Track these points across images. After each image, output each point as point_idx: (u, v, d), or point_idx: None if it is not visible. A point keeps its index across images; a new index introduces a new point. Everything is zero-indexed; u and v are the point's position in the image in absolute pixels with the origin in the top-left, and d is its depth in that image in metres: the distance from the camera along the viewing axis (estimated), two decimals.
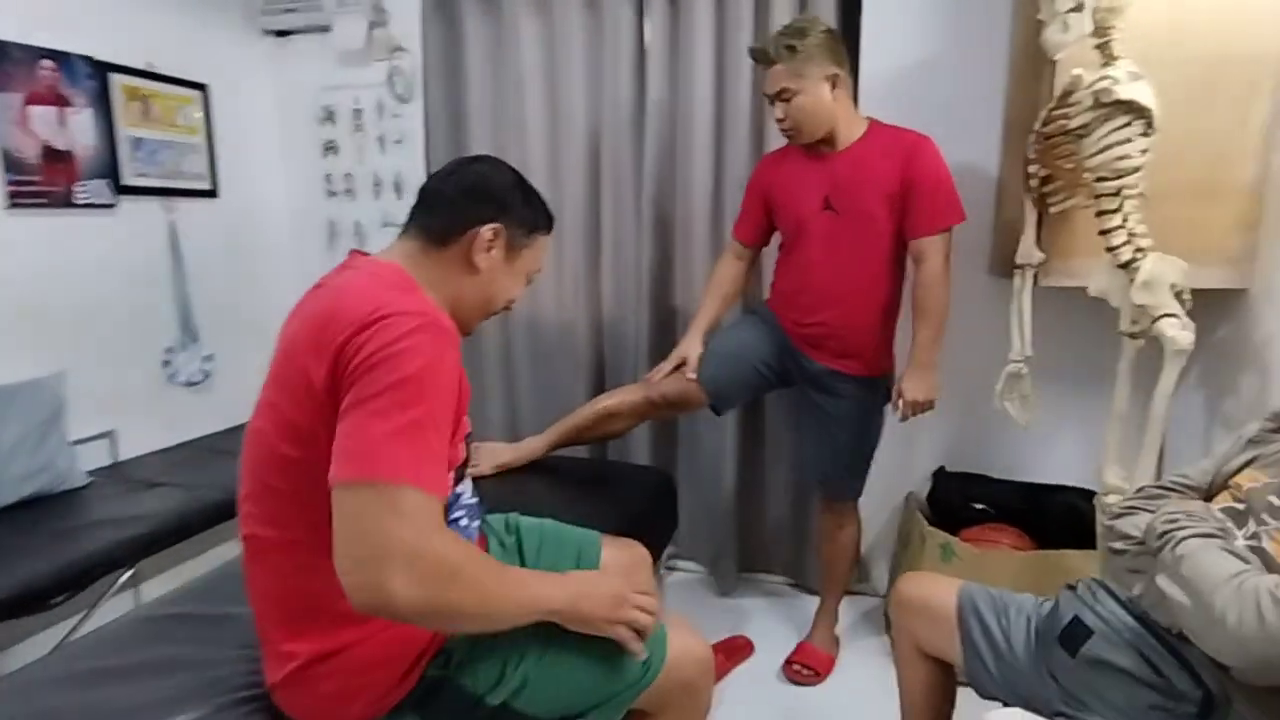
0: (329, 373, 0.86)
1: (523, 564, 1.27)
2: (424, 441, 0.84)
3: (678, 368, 1.92)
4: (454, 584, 0.83)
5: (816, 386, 1.88)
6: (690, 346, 1.93)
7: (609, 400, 1.95)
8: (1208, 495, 1.12)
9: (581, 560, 1.32)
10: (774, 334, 1.92)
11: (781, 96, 1.70)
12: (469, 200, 1.06)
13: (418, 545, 0.80)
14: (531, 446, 1.96)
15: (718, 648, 2.08)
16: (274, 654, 0.99)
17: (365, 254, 1.07)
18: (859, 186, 1.73)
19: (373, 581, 0.78)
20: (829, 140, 1.75)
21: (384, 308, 0.87)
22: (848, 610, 2.28)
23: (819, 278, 1.81)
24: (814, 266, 1.81)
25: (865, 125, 1.77)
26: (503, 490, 1.70)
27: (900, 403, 1.76)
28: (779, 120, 1.74)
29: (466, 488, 1.13)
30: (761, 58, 1.71)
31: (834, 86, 1.69)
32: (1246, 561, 0.91)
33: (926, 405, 1.77)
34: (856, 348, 1.82)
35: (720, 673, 1.99)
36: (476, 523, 1.16)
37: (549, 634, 1.02)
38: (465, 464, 1.08)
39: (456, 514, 1.09)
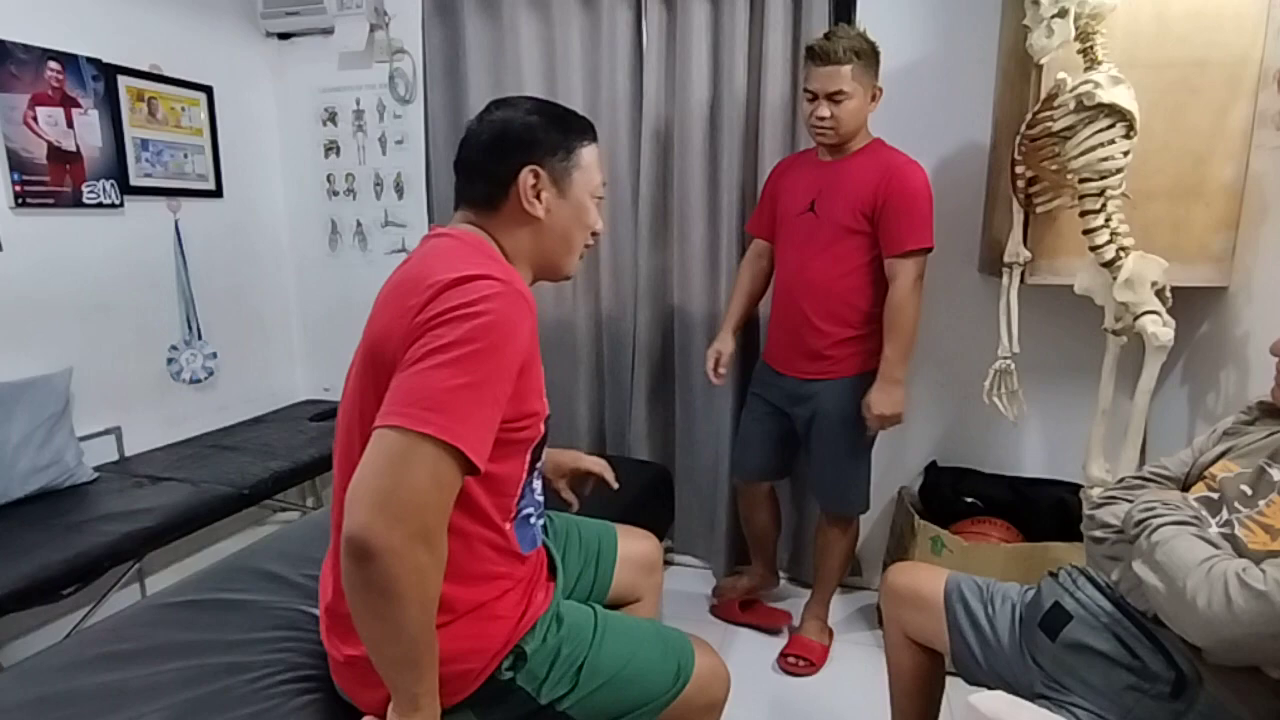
0: (407, 330, 0.85)
1: (550, 559, 1.23)
2: (481, 407, 0.83)
3: (717, 363, 2.04)
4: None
5: (800, 404, 1.95)
6: (723, 343, 2.05)
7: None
8: (1185, 485, 1.16)
9: (601, 549, 1.33)
10: (771, 408, 2.03)
11: (834, 97, 1.72)
12: (495, 155, 1.02)
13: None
14: None
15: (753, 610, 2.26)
16: (346, 630, 0.95)
17: (444, 229, 1.05)
18: (839, 193, 1.81)
19: (381, 519, 0.75)
20: (839, 148, 1.83)
21: (469, 270, 0.87)
22: (843, 604, 2.32)
23: (789, 272, 1.93)
24: (788, 262, 1.93)
25: (869, 141, 1.84)
26: None
27: (868, 416, 1.82)
28: (821, 119, 1.75)
29: (538, 483, 1.10)
30: (826, 57, 1.70)
31: (873, 99, 1.78)
32: (1217, 547, 0.94)
33: (893, 419, 1.81)
34: (823, 346, 1.87)
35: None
36: (542, 521, 1.14)
37: (603, 642, 1.06)
38: (542, 446, 1.04)
39: (526, 509, 1.05)
